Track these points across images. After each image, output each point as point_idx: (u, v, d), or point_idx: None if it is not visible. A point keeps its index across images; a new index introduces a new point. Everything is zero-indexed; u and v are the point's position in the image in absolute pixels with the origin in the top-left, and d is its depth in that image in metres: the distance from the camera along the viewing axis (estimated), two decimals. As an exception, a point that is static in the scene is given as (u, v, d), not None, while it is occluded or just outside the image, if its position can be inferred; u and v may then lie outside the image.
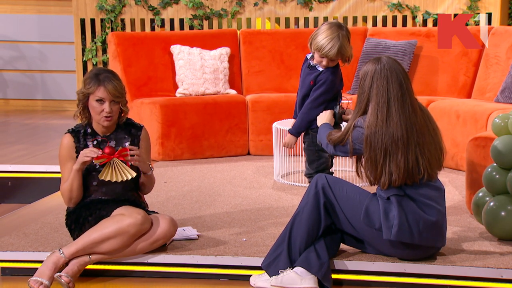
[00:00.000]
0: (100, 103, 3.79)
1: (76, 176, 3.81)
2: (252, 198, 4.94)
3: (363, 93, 3.63)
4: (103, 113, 3.79)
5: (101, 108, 3.79)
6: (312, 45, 4.60)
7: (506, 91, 5.59)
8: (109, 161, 3.76)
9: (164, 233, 3.81)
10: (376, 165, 3.57)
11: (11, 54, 9.18)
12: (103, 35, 8.49)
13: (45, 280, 3.62)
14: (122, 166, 3.78)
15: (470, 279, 3.60)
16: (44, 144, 6.81)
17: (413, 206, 3.57)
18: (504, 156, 3.92)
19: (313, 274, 3.55)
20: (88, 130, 3.90)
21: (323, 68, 4.64)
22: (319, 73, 4.66)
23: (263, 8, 8.31)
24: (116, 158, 3.77)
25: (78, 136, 3.88)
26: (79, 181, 3.82)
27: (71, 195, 3.84)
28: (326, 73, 4.62)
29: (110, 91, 3.77)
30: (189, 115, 6.16)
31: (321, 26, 4.63)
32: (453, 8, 7.92)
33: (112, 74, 3.83)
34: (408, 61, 6.27)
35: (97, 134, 3.90)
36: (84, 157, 3.74)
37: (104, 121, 3.82)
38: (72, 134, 3.88)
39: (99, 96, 3.78)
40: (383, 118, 3.55)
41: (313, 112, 4.58)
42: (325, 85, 4.60)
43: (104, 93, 3.77)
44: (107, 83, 3.77)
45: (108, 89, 3.77)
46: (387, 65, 3.59)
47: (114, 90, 3.78)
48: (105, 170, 3.77)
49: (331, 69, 4.64)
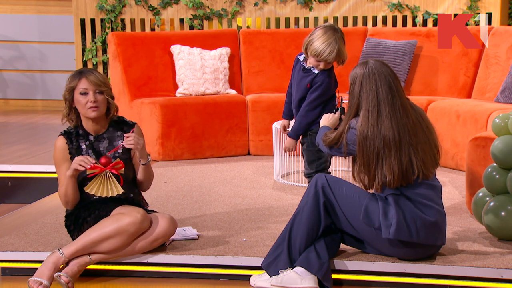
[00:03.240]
0: (85, 96, 3.81)
1: (70, 182, 3.80)
2: (252, 198, 4.94)
3: (353, 98, 3.64)
4: (88, 103, 3.81)
5: (86, 99, 3.81)
6: (308, 50, 4.60)
7: (506, 91, 5.59)
8: (100, 172, 3.74)
9: (164, 232, 3.81)
10: (369, 169, 3.57)
11: (11, 54, 9.18)
12: (103, 35, 8.49)
13: (44, 280, 3.62)
14: (112, 181, 3.75)
15: (470, 279, 3.60)
16: (44, 144, 6.81)
17: (410, 205, 3.57)
18: (504, 156, 3.92)
19: (313, 274, 3.55)
20: (80, 131, 3.90)
21: (318, 71, 4.64)
22: (315, 76, 4.67)
23: (263, 8, 8.31)
24: (109, 170, 3.75)
25: (70, 137, 3.88)
26: (73, 185, 3.82)
27: (67, 199, 3.85)
28: (321, 75, 4.63)
29: (92, 81, 3.81)
30: (189, 115, 6.16)
31: (316, 31, 4.61)
32: (453, 8, 7.92)
33: (94, 69, 3.90)
34: (408, 61, 6.27)
35: (89, 134, 3.90)
36: (77, 164, 3.73)
37: (91, 112, 3.82)
38: (64, 136, 3.89)
39: (82, 88, 3.81)
40: (373, 122, 3.55)
41: (310, 115, 4.61)
42: (321, 88, 4.62)
43: (85, 83, 3.81)
44: (88, 74, 3.83)
45: (90, 79, 3.81)
46: (374, 69, 3.60)
47: (95, 79, 3.82)
48: (93, 182, 3.74)
49: (327, 72, 4.65)
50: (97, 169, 3.72)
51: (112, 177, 3.75)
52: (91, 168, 3.71)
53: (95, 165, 3.72)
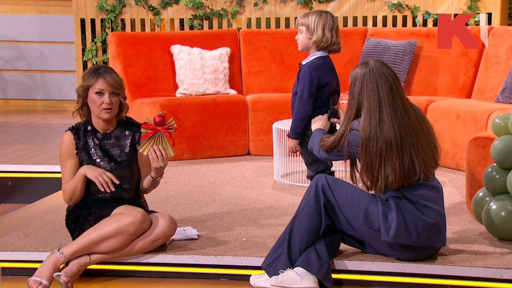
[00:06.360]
0: (100, 95, 3.81)
1: (82, 181, 3.83)
2: (252, 198, 4.94)
3: (353, 98, 3.62)
4: (103, 105, 3.81)
5: (101, 100, 3.81)
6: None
7: (506, 91, 5.59)
8: (154, 133, 3.70)
9: (164, 232, 3.81)
10: (373, 170, 3.57)
11: (11, 54, 9.18)
12: (103, 35, 8.49)
13: (44, 280, 3.62)
14: (165, 142, 3.71)
15: (470, 279, 3.60)
16: (44, 144, 6.81)
17: (411, 208, 3.56)
18: (504, 156, 3.92)
19: (313, 274, 3.55)
20: (88, 127, 3.91)
21: (298, 47, 4.53)
22: (300, 68, 4.61)
23: (263, 8, 8.31)
24: (162, 132, 3.71)
25: (78, 133, 3.89)
26: (83, 184, 3.84)
27: (73, 196, 3.86)
28: (304, 66, 4.54)
29: (109, 82, 3.81)
30: (189, 115, 6.16)
31: None
32: (453, 8, 7.92)
33: (110, 69, 3.89)
34: (408, 61, 6.27)
35: (97, 131, 3.91)
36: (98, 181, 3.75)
37: (105, 113, 3.83)
38: (72, 132, 3.90)
39: (98, 88, 3.80)
40: (376, 123, 3.54)
41: (303, 109, 4.49)
42: (305, 78, 4.47)
43: (103, 85, 3.80)
44: (106, 75, 3.82)
45: (108, 80, 3.81)
46: (375, 69, 3.59)
47: (113, 81, 3.82)
48: (146, 143, 3.69)
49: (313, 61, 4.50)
50: (151, 129, 3.69)
51: (165, 139, 3.72)
52: (144, 127, 3.69)
53: (148, 124, 3.69)
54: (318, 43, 4.41)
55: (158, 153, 3.75)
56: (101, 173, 3.79)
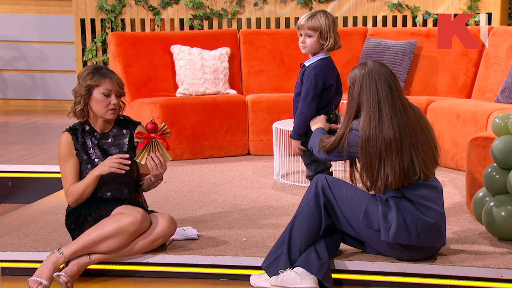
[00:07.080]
0: (107, 96, 3.80)
1: (94, 182, 3.81)
2: (252, 198, 4.94)
3: (353, 99, 3.62)
4: (110, 105, 3.81)
5: (108, 101, 3.80)
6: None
7: (506, 91, 5.59)
8: (148, 141, 3.69)
9: (164, 232, 3.81)
10: (372, 170, 3.57)
11: (11, 54, 9.18)
12: (103, 35, 8.49)
13: (44, 280, 3.62)
14: (160, 148, 3.70)
15: (470, 279, 3.60)
16: (44, 144, 6.81)
17: (411, 208, 3.56)
18: (504, 156, 3.92)
19: (313, 274, 3.55)
20: (86, 127, 3.90)
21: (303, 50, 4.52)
22: (305, 69, 4.60)
23: (263, 8, 8.31)
24: (156, 138, 3.70)
25: (76, 134, 3.89)
26: (94, 186, 3.82)
27: (80, 197, 3.84)
28: (309, 68, 4.53)
29: (117, 83, 3.81)
30: (189, 115, 6.16)
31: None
32: (453, 8, 7.92)
33: (110, 69, 3.89)
34: (408, 61, 6.27)
35: (95, 131, 3.91)
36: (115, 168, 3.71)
37: (110, 114, 3.83)
38: (70, 132, 3.89)
39: (106, 88, 3.79)
40: (375, 123, 3.54)
41: (307, 111, 4.49)
42: (310, 80, 4.48)
43: (110, 85, 3.80)
44: (111, 75, 3.83)
45: (115, 80, 3.81)
46: (374, 69, 3.59)
47: (119, 81, 3.83)
48: (142, 152, 3.68)
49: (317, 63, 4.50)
50: (145, 137, 3.68)
51: (160, 144, 3.71)
52: (137, 137, 3.68)
53: (142, 133, 3.69)
54: (331, 47, 4.38)
55: (157, 161, 3.74)
56: (109, 161, 3.76)
